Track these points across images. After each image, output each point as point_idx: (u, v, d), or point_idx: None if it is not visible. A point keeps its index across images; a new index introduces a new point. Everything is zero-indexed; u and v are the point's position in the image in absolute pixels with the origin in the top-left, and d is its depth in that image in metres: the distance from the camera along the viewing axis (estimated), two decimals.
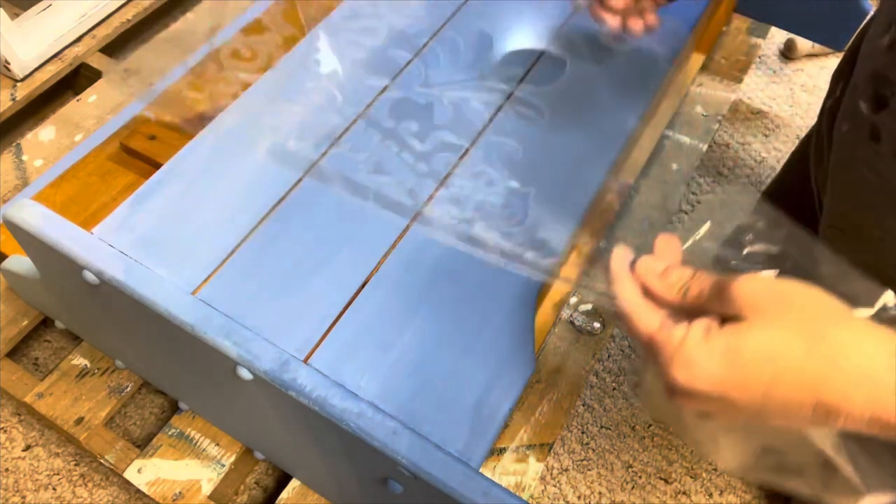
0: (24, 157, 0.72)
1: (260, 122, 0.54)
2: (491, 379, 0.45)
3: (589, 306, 0.46)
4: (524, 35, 0.61)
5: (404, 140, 0.53)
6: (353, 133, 0.54)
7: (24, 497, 0.65)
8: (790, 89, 1.07)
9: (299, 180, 0.51)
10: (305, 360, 0.44)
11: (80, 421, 0.58)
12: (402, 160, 0.53)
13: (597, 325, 0.62)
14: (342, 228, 0.49)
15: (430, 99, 0.54)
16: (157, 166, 0.53)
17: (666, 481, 0.72)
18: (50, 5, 0.82)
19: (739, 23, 0.89)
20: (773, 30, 1.05)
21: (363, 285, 0.47)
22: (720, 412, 0.32)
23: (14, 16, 0.81)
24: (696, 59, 0.84)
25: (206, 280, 0.46)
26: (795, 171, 0.63)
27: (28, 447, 0.67)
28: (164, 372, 0.55)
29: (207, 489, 0.55)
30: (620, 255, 0.36)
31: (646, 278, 0.35)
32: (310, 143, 0.53)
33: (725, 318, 0.31)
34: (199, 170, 0.51)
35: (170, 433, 0.57)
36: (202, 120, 0.70)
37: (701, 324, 0.31)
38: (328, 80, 0.57)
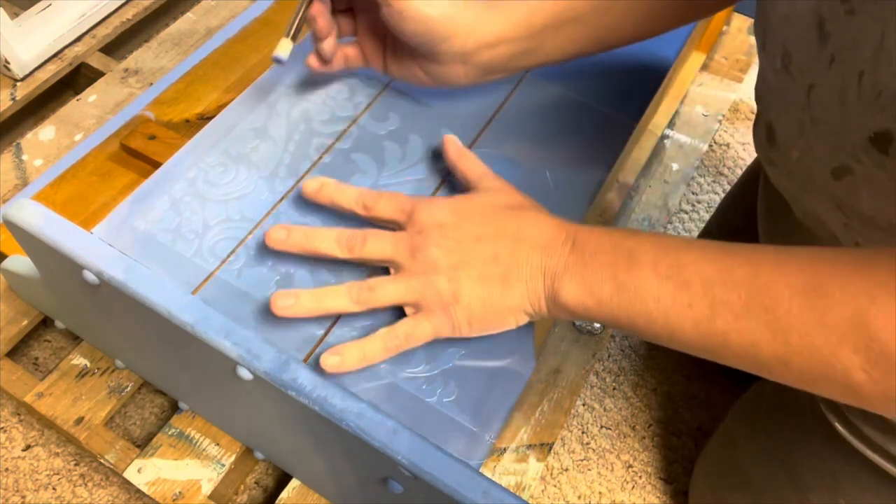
0: (24, 157, 0.72)
1: (259, 121, 0.54)
2: (491, 379, 0.45)
3: None
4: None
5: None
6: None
7: (24, 497, 0.65)
8: None
9: (300, 179, 0.51)
10: (305, 360, 0.44)
11: (80, 421, 0.58)
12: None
13: (597, 324, 0.62)
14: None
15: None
16: (157, 166, 0.53)
17: (666, 481, 0.72)
18: (50, 5, 0.82)
19: (739, 22, 0.89)
20: None
21: None
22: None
23: (14, 15, 0.81)
24: (696, 59, 0.84)
25: (206, 280, 0.46)
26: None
27: (28, 447, 0.67)
28: (164, 372, 0.55)
29: (207, 489, 0.55)
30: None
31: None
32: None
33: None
34: (200, 169, 0.51)
35: (170, 433, 0.56)
36: (202, 119, 0.70)
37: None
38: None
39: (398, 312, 0.45)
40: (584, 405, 0.76)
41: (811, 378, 0.34)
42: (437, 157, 0.53)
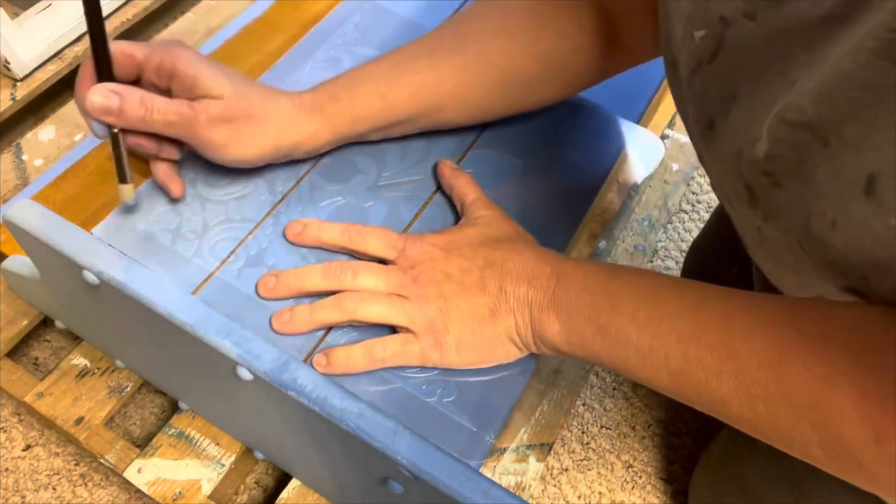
0: (24, 157, 0.72)
1: None
2: (491, 379, 0.45)
3: None
4: None
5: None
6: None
7: (24, 497, 0.65)
8: None
9: (301, 179, 0.51)
10: (305, 360, 0.44)
11: (80, 421, 0.58)
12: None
13: None
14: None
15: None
16: None
17: (666, 481, 0.72)
18: (50, 5, 0.82)
19: None
20: None
21: None
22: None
23: (14, 15, 0.81)
24: None
25: (206, 280, 0.46)
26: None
27: (28, 447, 0.67)
28: (164, 372, 0.55)
29: (207, 489, 0.55)
30: None
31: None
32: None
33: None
34: (200, 169, 0.51)
35: (170, 433, 0.56)
36: None
37: None
38: None
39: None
40: (584, 405, 0.76)
41: (775, 442, 0.35)
42: (436, 158, 0.54)
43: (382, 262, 0.46)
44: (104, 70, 0.43)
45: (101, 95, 0.43)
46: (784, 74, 0.30)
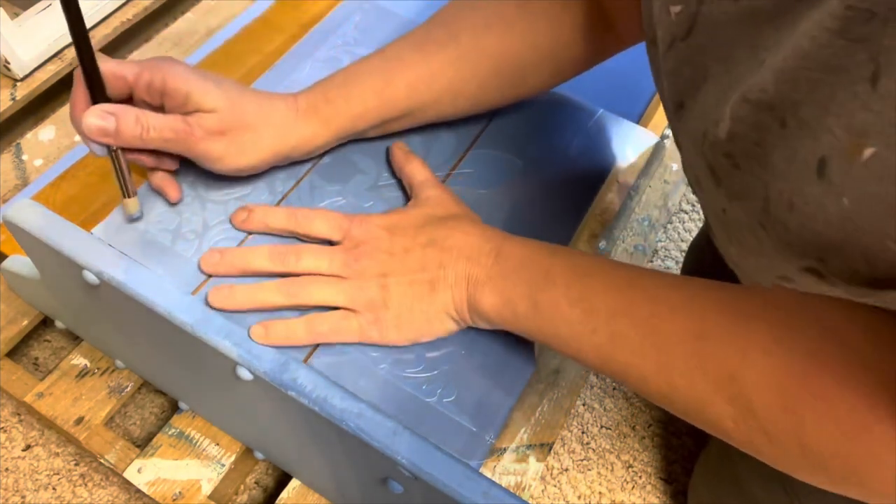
0: (24, 157, 0.72)
1: None
2: (491, 379, 0.45)
3: None
4: None
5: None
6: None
7: (23, 497, 0.65)
8: None
9: (300, 179, 0.51)
10: (305, 361, 0.44)
11: (80, 421, 0.58)
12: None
13: None
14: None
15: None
16: None
17: (666, 481, 0.72)
18: (50, 5, 0.82)
19: None
20: None
21: None
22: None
23: (14, 15, 0.81)
24: None
25: (206, 280, 0.46)
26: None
27: (28, 447, 0.67)
28: (164, 372, 0.55)
29: (207, 489, 0.55)
30: None
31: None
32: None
33: None
34: (200, 170, 0.51)
35: (170, 433, 0.56)
36: None
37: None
38: None
39: None
40: (584, 405, 0.76)
41: (690, 418, 0.36)
42: (436, 158, 0.54)
43: (331, 244, 0.47)
44: (97, 92, 0.44)
45: (96, 117, 0.43)
46: (754, 54, 0.30)
